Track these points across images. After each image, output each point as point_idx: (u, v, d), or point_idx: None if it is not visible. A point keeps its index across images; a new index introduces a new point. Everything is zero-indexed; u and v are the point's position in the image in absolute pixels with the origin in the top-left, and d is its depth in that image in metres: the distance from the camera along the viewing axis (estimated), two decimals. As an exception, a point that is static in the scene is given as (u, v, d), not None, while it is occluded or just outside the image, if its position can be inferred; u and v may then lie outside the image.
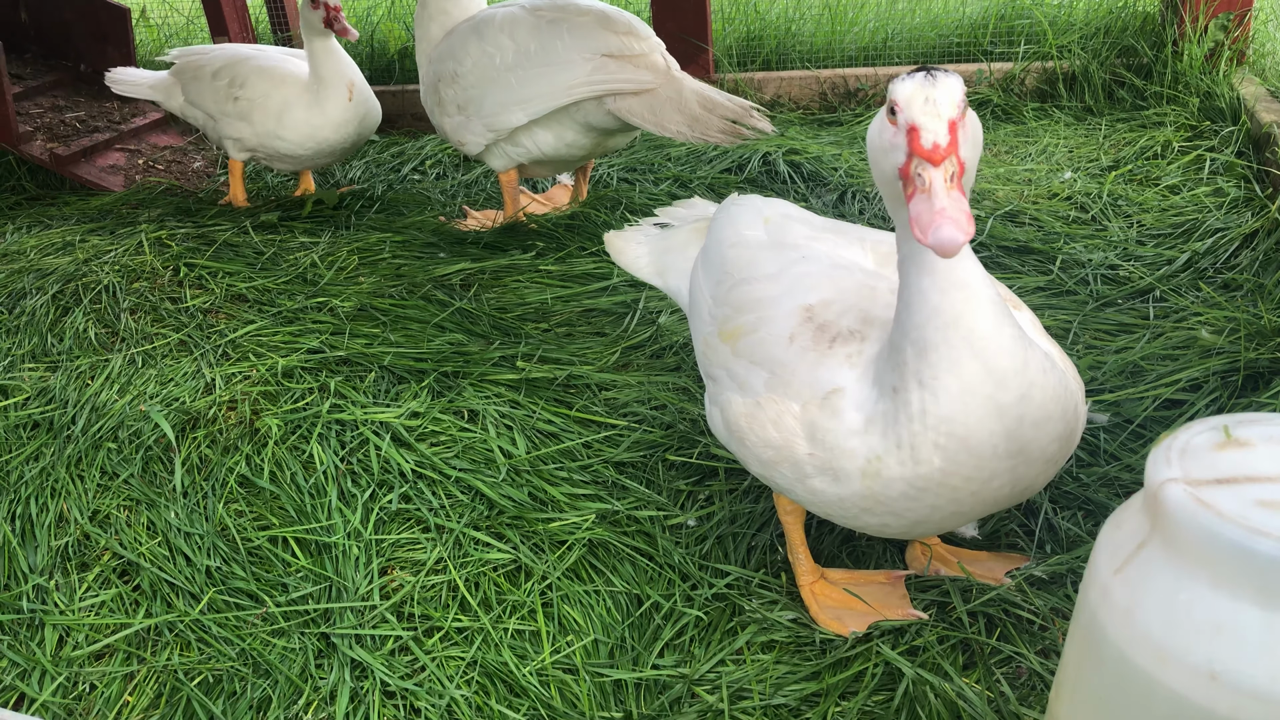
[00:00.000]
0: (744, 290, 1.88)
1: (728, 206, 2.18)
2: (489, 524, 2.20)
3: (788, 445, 1.71)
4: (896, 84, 1.42)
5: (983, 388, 1.52)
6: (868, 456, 1.61)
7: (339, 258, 3.53)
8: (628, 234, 2.49)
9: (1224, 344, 2.46)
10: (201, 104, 3.96)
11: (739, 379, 1.81)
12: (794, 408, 1.71)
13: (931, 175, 1.34)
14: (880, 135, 1.47)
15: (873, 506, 1.67)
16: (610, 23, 3.25)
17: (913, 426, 1.56)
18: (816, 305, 1.75)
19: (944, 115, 1.38)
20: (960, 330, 1.52)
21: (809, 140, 4.27)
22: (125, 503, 2.40)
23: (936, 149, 1.35)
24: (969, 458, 1.55)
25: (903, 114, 1.39)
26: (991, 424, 1.53)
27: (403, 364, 2.80)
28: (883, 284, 1.81)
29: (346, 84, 3.77)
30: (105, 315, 3.26)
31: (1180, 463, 1.19)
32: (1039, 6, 4.66)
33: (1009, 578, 1.98)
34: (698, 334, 2.03)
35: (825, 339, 1.70)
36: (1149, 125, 4.00)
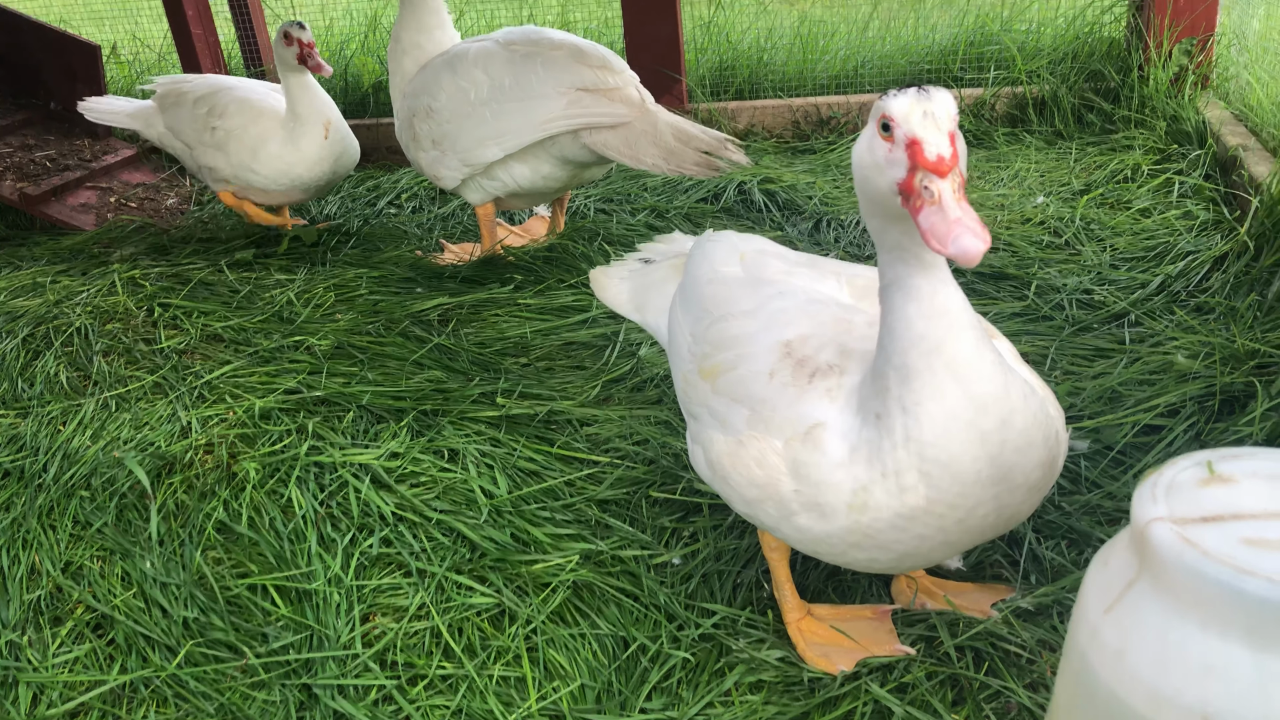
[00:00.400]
0: (722, 327, 1.88)
1: (703, 243, 2.18)
2: (471, 567, 2.18)
3: (772, 483, 1.70)
4: (889, 100, 1.42)
5: (964, 413, 1.53)
6: (854, 488, 1.61)
7: (315, 295, 3.51)
8: (611, 270, 2.49)
9: (1199, 369, 2.47)
10: (180, 132, 3.94)
11: (720, 416, 1.80)
12: (776, 444, 1.70)
13: (940, 186, 1.34)
14: (871, 152, 1.46)
15: (860, 541, 1.66)
16: (584, 56, 3.26)
17: (897, 453, 1.56)
18: (794, 340, 1.74)
19: (943, 128, 1.38)
20: (943, 356, 1.52)
21: (783, 169, 4.29)
22: (99, 553, 2.36)
23: (941, 160, 1.35)
24: (954, 484, 1.55)
25: (900, 128, 1.39)
26: (975, 449, 1.54)
27: (381, 403, 2.77)
28: (859, 317, 1.81)
29: (323, 122, 3.76)
30: (77, 358, 3.22)
31: (1166, 500, 1.19)
32: (1007, 33, 4.71)
33: (995, 610, 1.97)
34: (677, 371, 2.03)
35: (804, 374, 1.69)
36: (1118, 149, 4.05)
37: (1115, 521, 2.14)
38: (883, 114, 1.42)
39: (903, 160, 1.39)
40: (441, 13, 3.64)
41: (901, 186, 1.40)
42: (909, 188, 1.38)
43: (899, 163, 1.40)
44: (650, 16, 4.59)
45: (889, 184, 1.42)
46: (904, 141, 1.39)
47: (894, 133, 1.40)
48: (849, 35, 5.19)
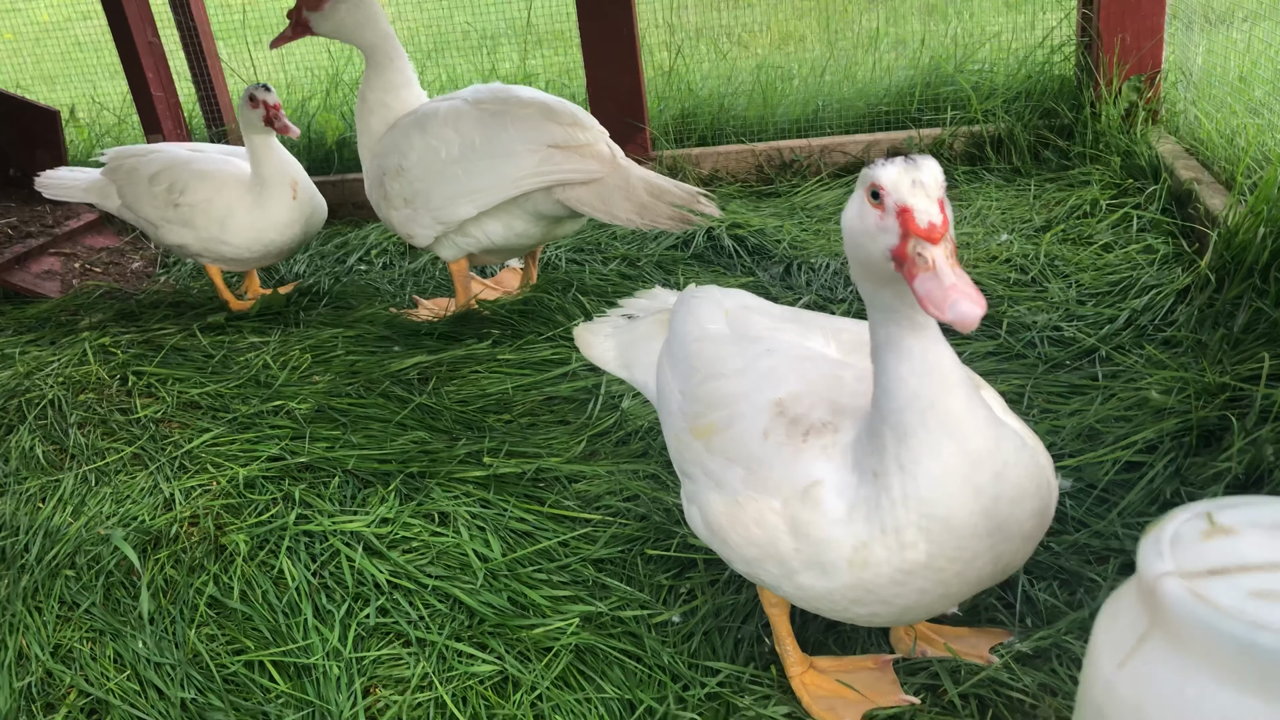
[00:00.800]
0: (712, 386, 1.90)
1: (686, 299, 2.21)
2: (471, 634, 2.17)
3: (772, 542, 1.72)
4: (877, 170, 1.45)
5: (960, 469, 1.56)
6: (854, 545, 1.63)
7: (291, 357, 3.49)
8: (595, 327, 2.50)
9: (1174, 404, 2.54)
10: (139, 210, 3.89)
11: (715, 476, 1.82)
12: (774, 504, 1.72)
13: (933, 253, 1.38)
14: (862, 220, 1.49)
15: (862, 597, 1.68)
16: (554, 114, 3.30)
17: (896, 510, 1.59)
18: (786, 399, 1.77)
19: (933, 195, 1.42)
20: (936, 414, 1.56)
21: (750, 213, 4.35)
22: (88, 634, 2.32)
23: (934, 228, 1.39)
24: (952, 538, 1.58)
25: (890, 197, 1.43)
26: (971, 504, 1.57)
27: (367, 467, 2.76)
28: (848, 372, 1.84)
29: (290, 183, 3.75)
30: (52, 431, 3.18)
31: (1172, 554, 1.22)
32: (961, 73, 4.83)
33: (994, 654, 2.00)
34: (669, 429, 2.04)
35: (799, 433, 1.72)
36: (1076, 184, 4.15)
37: (1104, 560, 2.18)
38: (871, 182, 1.46)
39: (894, 228, 1.43)
40: (407, 72, 3.66)
41: (894, 253, 1.43)
42: (902, 254, 1.42)
43: (891, 230, 1.43)
44: (612, 67, 4.66)
45: (881, 250, 1.46)
46: (895, 209, 1.43)
47: (884, 201, 1.44)
48: (807, 79, 5.29)
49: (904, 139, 4.65)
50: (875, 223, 1.46)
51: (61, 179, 4.10)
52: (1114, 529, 2.24)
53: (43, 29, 10.97)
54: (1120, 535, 2.22)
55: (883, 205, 1.44)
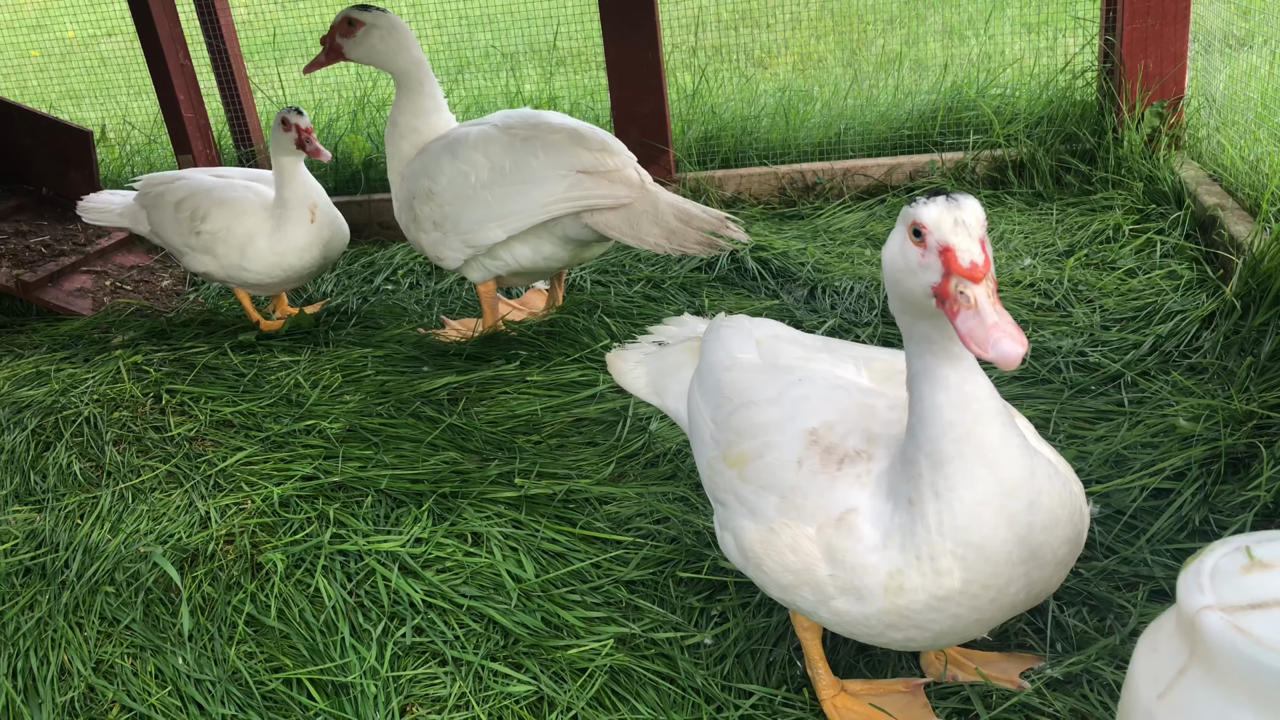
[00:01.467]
0: (745, 415, 1.93)
1: (717, 329, 2.24)
2: (506, 654, 2.20)
3: (807, 569, 1.75)
4: (919, 208, 1.49)
5: (995, 498, 1.59)
6: (889, 571, 1.66)
7: (322, 376, 3.54)
8: (626, 354, 2.54)
9: (1202, 431, 2.56)
10: (165, 237, 3.97)
11: (749, 504, 1.85)
12: (809, 531, 1.75)
13: (975, 292, 1.41)
14: (904, 257, 1.52)
15: (897, 622, 1.71)
16: (583, 140, 3.35)
17: (931, 538, 1.61)
18: (820, 428, 1.80)
19: (974, 235, 1.46)
20: (972, 443, 1.59)
21: (773, 236, 4.39)
22: (129, 650, 2.36)
23: (975, 267, 1.43)
24: (986, 565, 1.61)
25: (933, 235, 1.46)
26: (1004, 532, 1.60)
27: (400, 486, 2.80)
28: (880, 401, 1.87)
29: (309, 206, 3.80)
30: (88, 449, 3.23)
31: (1212, 588, 1.25)
32: (983, 98, 4.86)
33: (1025, 679, 2.02)
34: (701, 457, 2.07)
35: (833, 461, 1.75)
36: (1098, 209, 4.18)
37: (1133, 587, 2.20)
38: (913, 221, 1.50)
39: (936, 265, 1.46)
40: (438, 97, 3.72)
41: (936, 290, 1.47)
42: (944, 292, 1.45)
43: (933, 268, 1.47)
44: (636, 90, 4.71)
45: (923, 287, 1.49)
46: (937, 248, 1.46)
47: (926, 239, 1.48)
48: (829, 102, 5.34)
49: (926, 163, 4.69)
50: (917, 260, 1.49)
51: (99, 204, 4.17)
52: (1143, 555, 2.26)
53: (68, 46, 11.13)
54: (1149, 562, 2.23)
55: (925, 243, 1.48)
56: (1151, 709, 1.26)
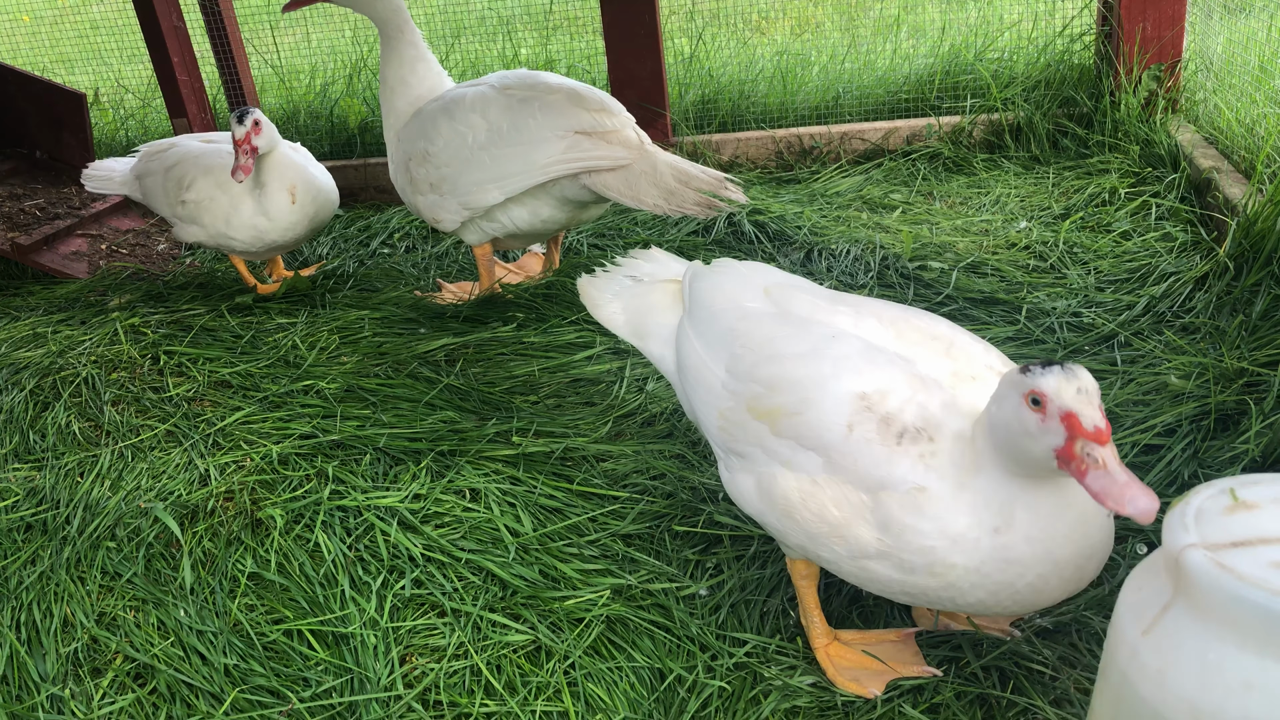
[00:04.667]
0: (775, 368, 1.90)
1: (709, 274, 2.20)
2: (504, 605, 2.23)
3: (849, 525, 1.77)
4: (1038, 379, 1.54)
5: (1078, 559, 1.67)
6: (944, 561, 1.70)
7: (319, 338, 3.55)
8: (600, 283, 2.50)
9: (1192, 388, 2.58)
10: (155, 206, 3.96)
11: (782, 458, 1.85)
12: (861, 495, 1.77)
13: (1103, 454, 1.48)
14: (1021, 422, 1.56)
15: (918, 594, 1.77)
16: (582, 100, 3.34)
17: (1005, 570, 1.67)
18: (873, 395, 1.78)
19: (1094, 403, 1.52)
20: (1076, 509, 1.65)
21: (770, 199, 4.39)
22: (131, 603, 2.39)
23: (1100, 432, 1.49)
24: (1032, 601, 1.71)
25: (1054, 403, 1.52)
26: (1070, 585, 1.69)
27: (398, 445, 2.82)
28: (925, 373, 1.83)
29: (288, 188, 3.76)
30: (87, 409, 3.25)
31: (1197, 527, 1.28)
32: (980, 62, 4.85)
33: (1015, 628, 2.05)
34: (708, 406, 2.03)
35: (891, 434, 1.75)
36: (1094, 173, 4.18)
37: (1122, 540, 2.23)
38: (1031, 390, 1.54)
39: (1059, 430, 1.52)
40: (420, 46, 3.70)
41: (1060, 453, 1.52)
42: (1070, 454, 1.51)
43: (1055, 432, 1.52)
44: (634, 53, 4.70)
45: (1044, 450, 1.54)
46: (1059, 414, 1.52)
47: (1046, 406, 1.53)
48: (827, 67, 5.32)
49: (923, 126, 4.68)
50: (1036, 425, 1.54)
51: (102, 172, 4.16)
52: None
53: (60, 11, 11.03)
54: (1139, 516, 2.26)
55: (1045, 410, 1.53)
56: (1136, 644, 1.28)
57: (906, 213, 4.16)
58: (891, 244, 3.78)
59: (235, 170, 3.55)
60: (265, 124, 3.60)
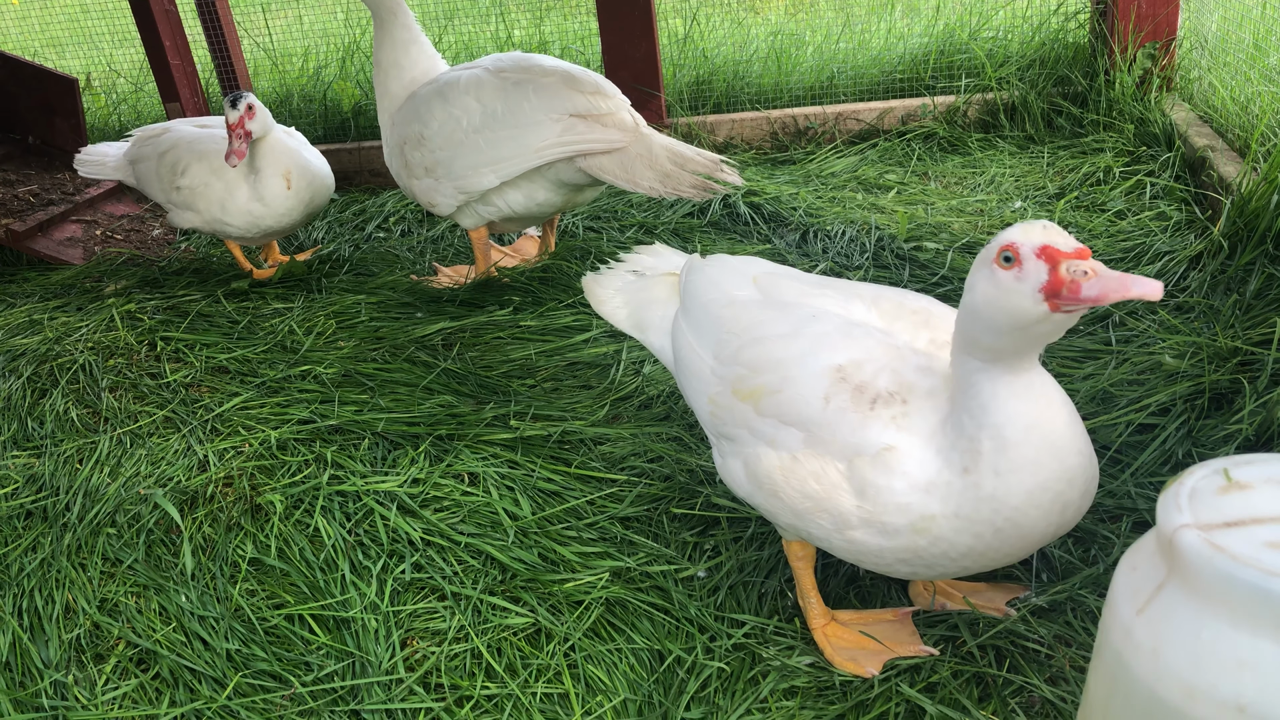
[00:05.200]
0: (758, 350, 1.94)
1: (701, 268, 2.23)
2: (504, 588, 2.25)
3: (829, 497, 1.79)
4: (1004, 235, 1.54)
5: (1055, 485, 1.64)
6: (922, 515, 1.71)
7: (316, 323, 3.56)
8: (603, 280, 2.54)
9: (1187, 368, 2.59)
10: (149, 192, 3.95)
11: (766, 437, 1.88)
12: (838, 465, 1.78)
13: (1091, 264, 1.46)
14: (998, 286, 1.54)
15: (910, 559, 1.77)
16: (576, 82, 3.33)
17: (978, 505, 1.66)
18: (847, 365, 1.81)
19: (1064, 233, 1.51)
20: (1041, 432, 1.63)
21: (765, 180, 4.39)
22: (133, 589, 2.40)
23: (1081, 250, 1.48)
24: (1017, 537, 1.69)
25: (1026, 245, 1.51)
26: (1053, 517, 1.67)
27: (396, 429, 2.83)
28: (901, 343, 1.87)
29: (283, 174, 3.75)
30: (85, 395, 3.25)
31: (1190, 508, 1.29)
32: (975, 41, 4.84)
33: (1011, 607, 2.07)
34: (699, 394, 2.08)
35: (865, 400, 1.77)
36: (1089, 152, 4.19)
37: (1116, 519, 2.25)
38: (1001, 246, 1.53)
39: (1039, 267, 1.50)
40: (413, 29, 3.69)
41: (1047, 288, 1.49)
42: (1058, 282, 1.48)
43: (1036, 271, 1.50)
44: (628, 34, 4.68)
45: (1030, 294, 1.50)
46: (1033, 252, 1.50)
47: (1019, 253, 1.51)
48: (821, 47, 5.31)
49: (919, 106, 4.68)
50: (1014, 278, 1.52)
51: (94, 157, 4.14)
52: (1127, 489, 2.30)
53: (49, -6, 10.95)
54: (1133, 495, 2.28)
55: (1018, 258, 1.51)
56: (1130, 624, 1.30)
57: (902, 193, 4.17)
58: (887, 225, 3.78)
59: (229, 154, 3.55)
60: (259, 108, 3.59)
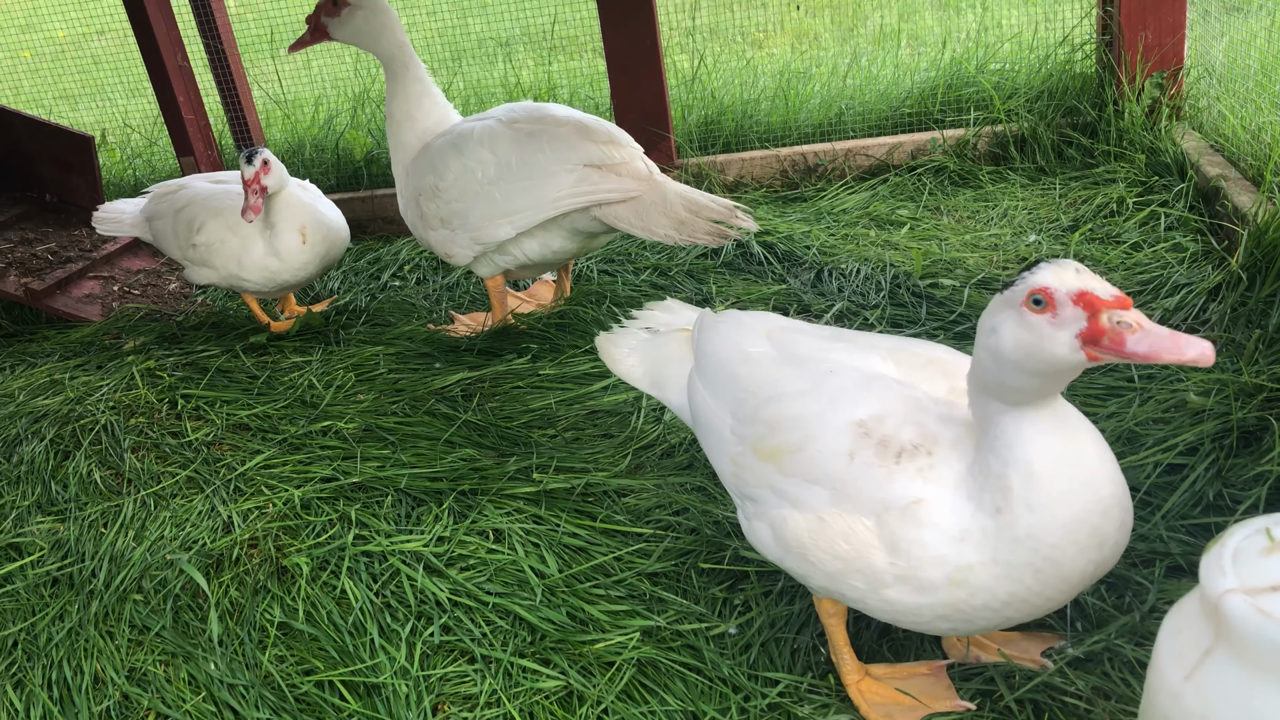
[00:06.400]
0: (777, 408, 1.93)
1: (713, 324, 2.23)
2: (534, 650, 2.23)
3: (861, 557, 1.77)
4: (1030, 278, 1.52)
5: (1090, 517, 1.62)
6: (958, 565, 1.68)
7: (335, 376, 3.57)
8: (617, 339, 2.53)
9: (1212, 405, 2.58)
10: (165, 249, 3.99)
11: (791, 497, 1.87)
12: (866, 522, 1.77)
13: (1135, 317, 1.44)
14: (1030, 330, 1.52)
15: (950, 614, 1.74)
16: (590, 133, 3.35)
17: (1015, 547, 1.64)
18: (869, 420, 1.80)
19: (1099, 278, 1.49)
20: (1071, 462, 1.61)
21: (777, 219, 4.40)
22: (161, 657, 2.40)
23: (1121, 299, 1.46)
24: (1060, 582, 1.66)
25: (1060, 290, 1.49)
26: (1091, 553, 1.64)
27: (419, 485, 2.83)
28: (922, 394, 1.86)
29: (298, 229, 3.77)
30: (108, 457, 3.26)
31: (1235, 571, 1.28)
32: (982, 74, 4.86)
33: (1046, 658, 2.05)
34: (720, 454, 2.07)
35: (890, 454, 1.76)
36: (1101, 183, 4.19)
37: (1149, 564, 2.23)
38: (1031, 290, 1.51)
39: (1077, 314, 1.48)
40: (425, 80, 3.72)
41: (1086, 336, 1.48)
42: (1098, 331, 1.46)
43: (1073, 319, 1.49)
44: (636, 77, 4.71)
45: (1067, 344, 1.49)
46: (1070, 299, 1.48)
47: (1054, 297, 1.50)
48: (828, 82, 5.33)
49: (928, 140, 4.69)
50: (1048, 324, 1.50)
51: (112, 214, 4.18)
52: (1159, 531, 2.28)
53: (60, 47, 11.11)
54: (1165, 538, 2.26)
55: (1052, 303, 1.50)
56: (1178, 690, 1.28)
57: (914, 229, 4.17)
58: (901, 261, 3.78)
59: (245, 210, 3.57)
60: (274, 163, 3.62)
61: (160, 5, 5.04)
